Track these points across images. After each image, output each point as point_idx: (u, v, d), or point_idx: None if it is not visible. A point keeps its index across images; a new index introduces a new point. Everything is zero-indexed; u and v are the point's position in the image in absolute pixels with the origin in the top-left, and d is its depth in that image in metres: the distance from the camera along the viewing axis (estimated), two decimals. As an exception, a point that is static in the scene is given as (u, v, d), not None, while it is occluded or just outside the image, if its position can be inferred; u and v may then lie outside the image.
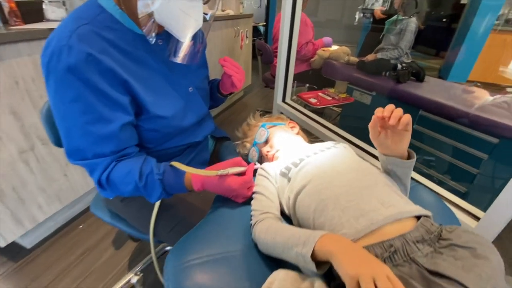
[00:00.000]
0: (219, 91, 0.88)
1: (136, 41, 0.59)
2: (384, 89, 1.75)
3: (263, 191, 0.60)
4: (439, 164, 1.49)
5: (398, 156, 0.52)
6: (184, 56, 0.61)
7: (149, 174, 0.58)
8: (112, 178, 0.58)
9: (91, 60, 0.51)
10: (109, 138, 0.56)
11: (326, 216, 0.46)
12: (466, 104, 1.35)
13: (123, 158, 0.60)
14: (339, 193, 0.48)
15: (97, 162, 0.57)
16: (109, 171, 0.58)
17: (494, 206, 0.76)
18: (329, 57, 2.06)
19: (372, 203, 0.45)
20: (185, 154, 0.77)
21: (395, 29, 1.81)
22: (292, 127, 0.84)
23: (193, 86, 0.74)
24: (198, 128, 0.79)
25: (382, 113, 0.47)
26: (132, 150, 0.61)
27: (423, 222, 0.44)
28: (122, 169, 0.58)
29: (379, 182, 0.50)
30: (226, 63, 0.78)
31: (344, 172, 0.52)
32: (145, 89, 0.60)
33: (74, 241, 1.33)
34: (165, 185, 0.59)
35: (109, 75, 0.53)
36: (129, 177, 0.58)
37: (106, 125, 0.55)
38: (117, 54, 0.56)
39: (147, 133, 0.66)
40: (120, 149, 0.59)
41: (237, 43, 2.79)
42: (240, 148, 0.85)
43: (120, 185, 0.59)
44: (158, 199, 0.61)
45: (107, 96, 0.54)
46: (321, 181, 0.51)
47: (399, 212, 0.44)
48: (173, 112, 0.66)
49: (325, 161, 0.57)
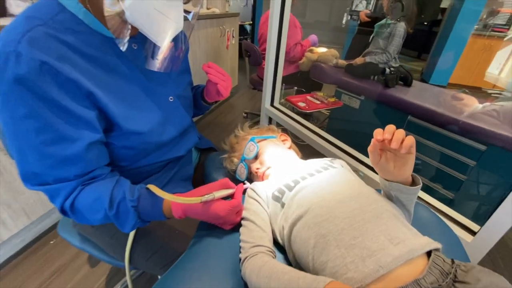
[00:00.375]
0: (204, 98, 0.80)
1: (104, 45, 0.51)
2: (373, 93, 1.73)
3: (254, 218, 0.53)
4: (428, 170, 1.49)
5: (401, 181, 0.47)
6: (162, 63, 0.53)
7: (121, 201, 0.50)
8: (77, 206, 0.50)
9: (47, 70, 0.42)
10: (72, 160, 0.48)
11: (328, 255, 0.40)
12: (454, 110, 1.35)
13: (91, 182, 0.52)
14: (342, 227, 0.42)
15: (58, 187, 0.49)
16: (74, 198, 0.49)
17: (491, 221, 0.74)
18: (317, 59, 2.02)
19: (379, 239, 0.40)
20: (165, 170, 0.69)
21: (384, 33, 1.79)
22: (283, 141, 0.77)
23: (174, 95, 0.66)
24: (180, 141, 0.71)
25: (383, 136, 0.42)
26: (101, 172, 0.53)
27: (435, 260, 0.39)
28: (89, 194, 0.50)
29: (384, 212, 0.45)
30: (211, 69, 0.69)
31: (345, 201, 0.46)
32: (116, 101, 0.52)
33: (44, 259, 1.21)
34: (140, 213, 0.51)
35: (70, 87, 0.45)
36: (97, 204, 0.49)
37: (69, 146, 0.47)
38: (81, 61, 0.47)
39: (120, 150, 0.57)
40: (86, 172, 0.50)
41: (223, 43, 2.71)
42: (227, 163, 0.78)
43: (87, 213, 0.51)
44: (133, 229, 0.53)
45: (68, 111, 0.45)
46: (320, 212, 0.45)
47: (409, 250, 0.39)
48: (150, 127, 0.58)
49: (323, 186, 0.51)
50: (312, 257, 0.42)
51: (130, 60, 0.55)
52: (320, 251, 0.42)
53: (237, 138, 0.80)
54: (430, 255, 0.41)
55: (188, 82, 0.77)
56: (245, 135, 0.78)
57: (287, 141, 0.77)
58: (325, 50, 2.08)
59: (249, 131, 0.81)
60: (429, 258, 0.41)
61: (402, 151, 0.41)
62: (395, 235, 0.41)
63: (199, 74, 2.23)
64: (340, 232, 0.42)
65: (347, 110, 1.91)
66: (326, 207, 0.46)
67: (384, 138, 0.42)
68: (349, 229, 0.42)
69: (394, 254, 0.38)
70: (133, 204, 0.50)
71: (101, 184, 0.52)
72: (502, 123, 1.15)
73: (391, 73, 1.69)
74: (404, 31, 1.73)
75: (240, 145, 0.76)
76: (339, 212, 0.44)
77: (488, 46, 3.52)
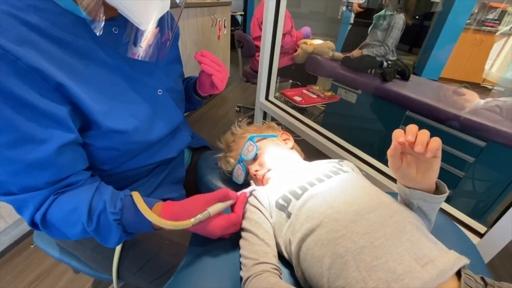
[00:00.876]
0: (196, 92, 0.72)
1: (77, 28, 0.43)
2: (370, 87, 1.69)
3: (255, 230, 0.47)
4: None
5: (424, 189, 0.42)
6: (147, 51, 0.45)
7: (102, 213, 0.42)
8: (50, 218, 0.42)
9: (2, 56, 0.34)
10: (41, 165, 0.40)
11: (347, 279, 0.35)
12: (455, 106, 1.32)
13: (66, 190, 0.44)
14: (362, 245, 0.36)
15: (25, 198, 0.41)
16: (46, 209, 0.42)
17: (500, 223, 0.71)
18: (313, 51, 1.95)
19: (404, 260, 0.35)
20: (154, 174, 0.62)
21: (382, 25, 1.73)
22: (285, 140, 0.70)
23: (163, 87, 0.58)
24: (171, 141, 0.63)
25: (405, 138, 0.36)
26: (78, 178, 0.45)
27: (467, 281, 0.34)
28: (64, 205, 0.43)
29: (407, 225, 0.39)
30: (205, 59, 0.61)
31: (363, 213, 0.41)
32: (93, 93, 0.44)
33: (24, 265, 1.12)
34: (125, 226, 0.44)
35: (33, 77, 0.37)
36: (74, 216, 0.42)
37: (34, 148, 0.39)
38: (47, 45, 0.39)
39: (101, 152, 0.50)
40: (59, 179, 0.43)
41: (215, 34, 2.60)
42: (222, 163, 0.70)
43: (62, 227, 0.43)
44: (118, 244, 0.46)
45: (31, 106, 0.37)
46: (336, 226, 0.39)
47: (439, 272, 0.33)
48: (135, 124, 0.50)
49: (336, 194, 0.45)
50: (328, 280, 0.37)
51: (110, 46, 0.47)
52: (337, 273, 0.36)
53: (234, 136, 0.73)
54: (459, 272, 0.36)
55: (179, 73, 0.69)
56: (242, 133, 0.71)
57: (289, 141, 0.71)
58: (320, 42, 2.01)
59: (247, 128, 0.74)
60: (457, 276, 0.36)
61: (428, 155, 0.35)
62: (422, 253, 0.36)
63: (189, 65, 2.14)
64: (360, 251, 0.36)
65: (343, 105, 1.87)
66: (342, 220, 0.40)
67: (407, 140, 0.36)
68: (370, 247, 0.36)
69: (423, 277, 0.33)
70: (115, 218, 0.43)
71: (78, 192, 0.44)
72: (505, 119, 1.13)
73: (389, 66, 1.65)
74: (403, 23, 1.68)
75: (237, 144, 0.69)
76: (357, 226, 0.39)
77: (479, 41, 3.54)
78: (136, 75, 0.52)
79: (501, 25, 3.33)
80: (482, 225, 0.79)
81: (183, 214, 0.43)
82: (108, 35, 0.47)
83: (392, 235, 0.37)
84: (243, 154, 0.65)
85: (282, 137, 0.71)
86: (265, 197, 0.52)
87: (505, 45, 2.79)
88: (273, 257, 0.44)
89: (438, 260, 0.35)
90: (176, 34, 0.66)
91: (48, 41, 0.39)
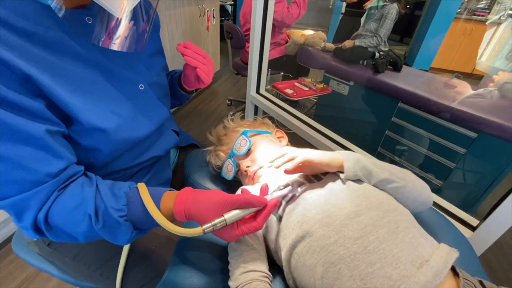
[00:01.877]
0: (182, 86, 0.68)
1: (44, 17, 0.38)
2: (362, 78, 1.67)
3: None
4: (417, 158, 1.47)
5: None
6: (123, 41, 0.41)
7: (105, 212, 0.39)
8: (52, 218, 0.38)
9: None
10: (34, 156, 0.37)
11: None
12: (446, 97, 1.31)
13: (69, 183, 0.41)
14: (355, 251, 0.35)
15: (27, 196, 0.37)
16: (49, 207, 0.38)
17: (493, 217, 0.70)
18: (304, 43, 1.91)
19: (400, 263, 0.33)
20: (138, 176, 0.59)
21: (375, 15, 1.70)
22: (279, 138, 0.68)
23: (145, 82, 0.54)
24: (157, 139, 0.60)
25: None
26: (77, 169, 0.42)
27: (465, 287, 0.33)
28: (67, 202, 0.39)
29: (399, 224, 0.38)
30: (188, 50, 0.56)
31: (354, 215, 0.38)
32: (68, 88, 0.40)
33: (9, 270, 1.08)
34: (134, 222, 0.40)
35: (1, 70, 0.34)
36: (78, 213, 0.39)
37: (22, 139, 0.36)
38: (11, 36, 0.35)
39: (85, 153, 0.46)
40: (59, 168, 0.39)
41: (203, 24, 2.51)
42: (211, 157, 0.67)
43: (66, 227, 0.39)
44: (130, 242, 0.42)
45: (6, 102, 0.34)
46: (327, 232, 0.37)
47: (435, 273, 0.32)
48: (117, 121, 0.47)
49: (326, 196, 0.43)
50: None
51: (84, 38, 0.43)
52: (330, 283, 0.34)
53: (226, 129, 0.69)
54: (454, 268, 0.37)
55: (162, 67, 0.64)
56: (235, 127, 0.68)
57: (283, 139, 0.68)
58: (312, 33, 1.97)
59: (240, 123, 0.70)
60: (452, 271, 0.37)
61: None
62: (416, 254, 0.35)
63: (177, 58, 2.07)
64: (353, 258, 0.34)
65: (335, 97, 1.84)
66: (333, 225, 0.38)
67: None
68: (364, 252, 0.34)
69: (419, 281, 0.32)
70: (120, 214, 0.39)
71: (79, 187, 0.40)
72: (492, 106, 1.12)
73: (381, 57, 1.62)
74: (397, 13, 1.65)
75: (229, 138, 0.66)
76: (349, 231, 0.37)
77: (469, 30, 3.55)
78: (114, 68, 0.48)
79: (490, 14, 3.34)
80: (474, 218, 0.78)
81: (197, 212, 0.38)
82: (81, 25, 0.43)
83: (385, 237, 0.36)
84: (235, 149, 0.62)
85: (277, 134, 0.68)
86: None
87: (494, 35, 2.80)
88: (262, 263, 0.42)
89: (432, 259, 0.34)
90: (156, 24, 0.61)
91: (12, 32, 0.35)
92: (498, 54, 2.39)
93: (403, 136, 1.52)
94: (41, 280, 1.05)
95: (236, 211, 0.38)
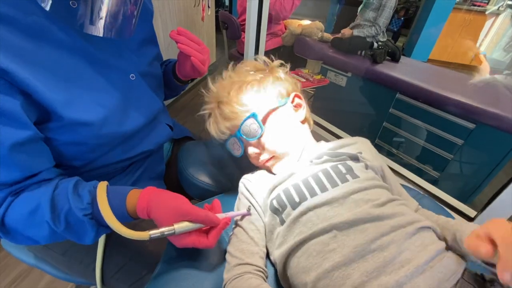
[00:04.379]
0: (176, 76, 0.65)
1: (24, 2, 0.36)
2: (360, 69, 1.64)
3: (247, 226, 0.44)
4: (415, 149, 1.47)
5: None
6: (110, 26, 0.38)
7: (69, 211, 0.37)
8: (9, 223, 0.37)
9: None
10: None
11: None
12: (444, 87, 1.30)
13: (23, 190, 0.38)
14: (351, 258, 0.34)
15: None
16: (3, 213, 0.37)
17: (490, 208, 0.70)
18: (301, 33, 1.87)
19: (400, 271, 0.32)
20: (130, 170, 0.57)
21: (373, 3, 1.66)
22: (296, 106, 0.54)
23: (136, 71, 0.52)
24: (149, 133, 0.57)
25: None
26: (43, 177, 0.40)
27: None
28: (23, 206, 0.37)
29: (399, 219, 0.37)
30: (181, 37, 0.53)
31: (358, 224, 0.37)
32: (49, 80, 0.38)
33: (2, 265, 1.07)
34: (99, 219, 0.39)
35: None
36: (36, 217, 0.37)
37: None
38: None
39: (67, 148, 0.44)
40: (16, 180, 0.37)
41: (198, 14, 2.45)
42: (211, 127, 0.54)
43: (26, 231, 0.38)
44: (95, 240, 0.41)
45: None
46: (327, 239, 0.36)
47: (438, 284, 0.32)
48: (103, 114, 0.44)
49: (336, 209, 0.39)
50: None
51: (69, 24, 0.40)
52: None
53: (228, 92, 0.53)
54: None
55: (154, 56, 0.61)
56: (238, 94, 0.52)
57: (301, 109, 0.55)
58: (309, 23, 1.93)
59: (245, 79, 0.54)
60: None
61: None
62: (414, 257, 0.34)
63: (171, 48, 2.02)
64: (348, 267, 0.34)
65: (333, 88, 1.82)
66: (338, 235, 0.36)
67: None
68: (360, 260, 0.34)
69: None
70: (85, 213, 0.38)
71: (36, 191, 0.39)
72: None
73: (379, 47, 1.60)
74: (396, 1, 1.61)
75: (231, 108, 0.51)
76: (350, 240, 0.35)
77: (467, 21, 3.51)
78: (102, 56, 0.45)
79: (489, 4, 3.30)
80: (471, 209, 0.78)
81: (156, 212, 0.38)
82: (65, 10, 0.40)
83: (387, 239, 0.35)
84: (244, 132, 0.50)
85: (294, 101, 0.54)
86: (260, 196, 0.47)
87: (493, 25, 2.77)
88: (259, 258, 0.41)
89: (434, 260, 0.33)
90: (149, 10, 0.58)
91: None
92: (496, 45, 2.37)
93: (401, 128, 1.51)
94: (35, 276, 1.04)
95: (186, 224, 0.39)
